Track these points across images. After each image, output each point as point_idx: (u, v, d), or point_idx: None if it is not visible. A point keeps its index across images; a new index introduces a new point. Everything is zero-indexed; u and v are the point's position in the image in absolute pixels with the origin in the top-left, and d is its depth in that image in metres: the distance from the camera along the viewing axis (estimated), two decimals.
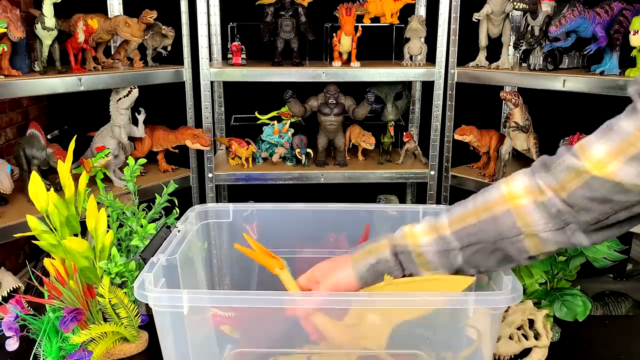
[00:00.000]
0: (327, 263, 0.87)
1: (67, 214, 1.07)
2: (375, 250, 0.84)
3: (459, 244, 0.79)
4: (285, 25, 2.09)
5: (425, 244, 0.80)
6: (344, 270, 0.84)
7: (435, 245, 0.80)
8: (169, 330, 0.85)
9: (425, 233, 0.81)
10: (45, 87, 1.73)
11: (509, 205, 0.75)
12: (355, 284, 0.83)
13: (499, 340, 1.05)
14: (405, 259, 0.82)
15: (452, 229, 0.79)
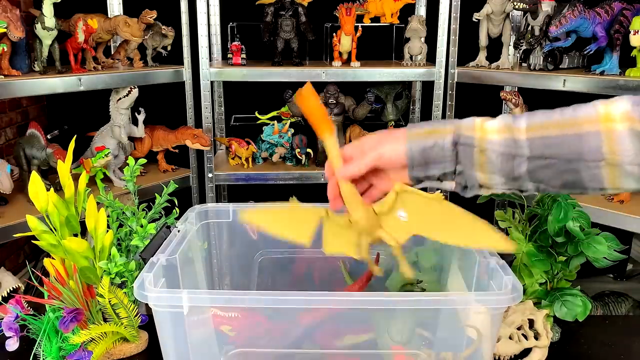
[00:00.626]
0: (379, 135, 0.79)
1: (67, 214, 1.07)
2: (435, 133, 0.75)
3: (529, 152, 0.71)
4: (285, 25, 2.09)
5: (493, 141, 0.72)
6: (395, 144, 0.76)
7: (503, 147, 0.72)
8: (169, 331, 0.85)
9: (497, 131, 0.73)
10: (45, 87, 1.73)
11: (600, 126, 0.68)
12: (402, 162, 0.76)
13: (499, 340, 1.05)
14: (464, 153, 0.74)
15: (529, 135, 0.71)
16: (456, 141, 0.74)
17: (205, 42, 2.03)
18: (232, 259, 1.21)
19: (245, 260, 1.19)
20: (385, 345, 0.96)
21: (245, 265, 1.19)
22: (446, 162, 0.74)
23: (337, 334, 0.96)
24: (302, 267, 1.21)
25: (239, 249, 1.19)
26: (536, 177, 0.72)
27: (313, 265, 1.21)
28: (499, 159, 0.72)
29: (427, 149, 0.75)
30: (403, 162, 0.76)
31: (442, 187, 0.79)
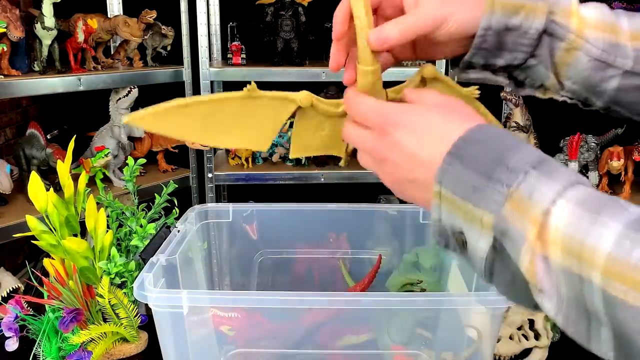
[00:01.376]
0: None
1: (66, 214, 1.07)
2: (526, 9, 0.55)
3: (631, 65, 0.55)
4: (285, 25, 2.08)
5: (591, 38, 0.56)
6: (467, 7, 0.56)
7: (601, 49, 0.55)
8: (168, 331, 0.85)
9: (597, 26, 0.56)
10: (44, 87, 1.73)
11: None
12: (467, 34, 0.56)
13: (499, 340, 1.04)
14: (549, 46, 0.57)
15: (635, 45, 0.55)
16: (546, 27, 0.56)
17: (205, 42, 2.02)
18: (232, 259, 1.21)
19: (245, 260, 1.19)
20: (385, 346, 0.96)
21: (245, 265, 1.19)
22: (519, 52, 0.57)
23: (337, 334, 0.96)
24: (302, 267, 1.21)
25: (238, 249, 1.19)
26: (621, 99, 0.58)
27: (313, 265, 1.21)
28: (590, 65, 0.56)
29: (508, 31, 0.55)
30: (468, 35, 0.56)
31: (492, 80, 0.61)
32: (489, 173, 0.44)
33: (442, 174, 0.47)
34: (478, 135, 0.47)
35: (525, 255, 0.42)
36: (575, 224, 0.40)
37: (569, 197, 0.41)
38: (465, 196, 0.46)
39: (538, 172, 0.43)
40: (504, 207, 0.43)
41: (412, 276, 1.07)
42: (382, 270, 1.06)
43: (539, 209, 0.41)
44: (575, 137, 1.82)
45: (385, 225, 1.18)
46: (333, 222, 1.19)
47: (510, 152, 0.45)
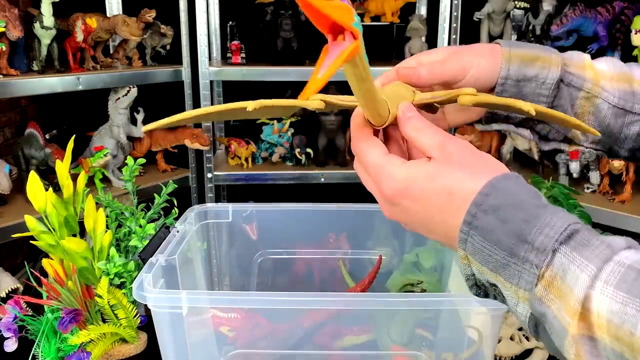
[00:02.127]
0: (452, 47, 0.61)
1: (65, 214, 1.07)
2: (541, 60, 0.58)
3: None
4: (284, 25, 2.08)
5: (608, 87, 0.58)
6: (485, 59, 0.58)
7: (618, 97, 0.58)
8: (168, 331, 0.85)
9: (612, 77, 0.58)
10: (43, 86, 1.72)
11: None
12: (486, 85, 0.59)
13: (500, 341, 1.04)
14: (567, 96, 0.59)
15: None
16: (562, 77, 0.58)
17: (205, 41, 2.02)
18: (232, 260, 1.20)
19: (245, 260, 1.18)
20: (385, 346, 0.95)
21: (245, 266, 1.18)
22: (539, 103, 0.58)
23: (337, 334, 0.95)
24: (302, 267, 1.21)
25: (238, 249, 1.19)
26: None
27: (313, 265, 1.21)
28: (609, 112, 0.58)
29: (526, 81, 0.57)
30: (487, 85, 0.58)
31: (517, 132, 0.62)
32: (513, 251, 0.42)
33: (463, 243, 0.45)
34: (492, 201, 0.44)
35: (570, 347, 0.40)
36: (620, 313, 0.37)
37: (605, 277, 0.39)
38: (494, 270, 0.44)
39: (568, 248, 0.40)
40: (536, 287, 0.41)
41: (412, 276, 1.06)
42: (382, 271, 1.05)
43: (575, 295, 0.39)
44: None
45: (385, 225, 1.17)
46: (333, 222, 1.18)
47: (532, 226, 0.42)
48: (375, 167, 0.51)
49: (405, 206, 0.49)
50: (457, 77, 0.58)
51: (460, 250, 0.46)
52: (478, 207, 0.44)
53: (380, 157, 0.52)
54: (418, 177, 0.48)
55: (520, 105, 0.52)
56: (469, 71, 0.58)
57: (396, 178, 0.49)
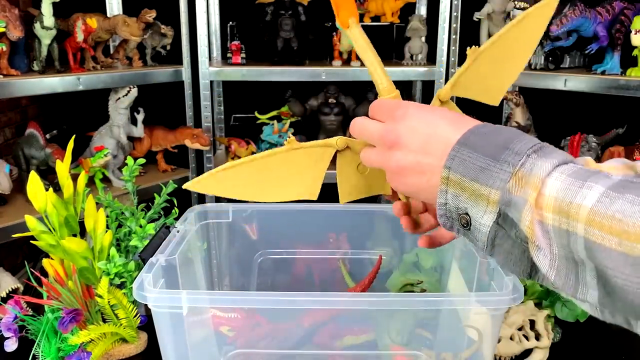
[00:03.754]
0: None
1: (65, 214, 1.07)
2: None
3: None
4: (285, 25, 2.08)
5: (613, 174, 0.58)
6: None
7: None
8: (168, 331, 0.85)
9: (614, 167, 0.58)
10: (44, 86, 1.72)
11: None
12: None
13: (500, 341, 1.04)
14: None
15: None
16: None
17: (205, 41, 2.02)
18: (232, 260, 1.20)
19: (245, 260, 1.18)
20: (385, 346, 0.95)
21: (245, 266, 1.19)
22: None
23: (337, 334, 0.96)
24: (302, 267, 1.21)
25: (238, 249, 1.19)
26: None
27: (313, 265, 1.21)
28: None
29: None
30: None
31: None
32: (495, 156, 0.50)
33: (451, 159, 0.53)
34: (484, 129, 0.54)
35: (527, 214, 0.48)
36: (565, 189, 0.46)
37: (562, 170, 0.47)
38: (473, 176, 0.51)
39: (538, 155, 0.49)
40: (509, 182, 0.49)
41: (412, 276, 1.06)
42: (382, 271, 1.05)
43: (537, 178, 0.47)
44: (576, 137, 1.81)
45: (385, 225, 1.18)
46: (333, 222, 1.18)
47: (514, 140, 0.51)
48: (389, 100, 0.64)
49: (410, 122, 0.57)
50: None
51: (444, 170, 0.53)
52: (472, 132, 0.53)
53: None
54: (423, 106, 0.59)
55: None
56: None
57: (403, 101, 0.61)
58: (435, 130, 0.56)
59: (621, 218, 0.42)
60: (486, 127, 0.54)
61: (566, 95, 1.84)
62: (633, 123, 1.86)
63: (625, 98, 1.66)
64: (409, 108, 0.58)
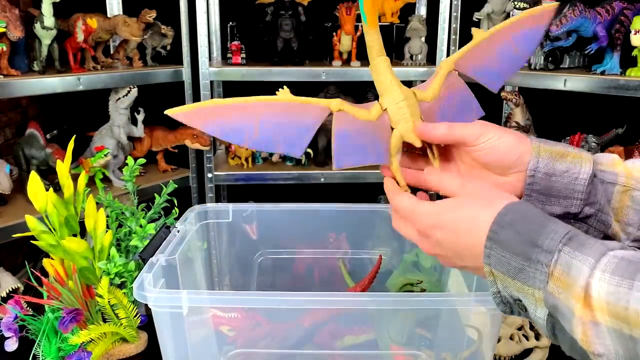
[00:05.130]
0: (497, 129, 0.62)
1: (66, 214, 1.07)
2: (571, 155, 0.60)
3: None
4: (285, 25, 2.08)
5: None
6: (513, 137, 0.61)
7: None
8: (168, 331, 0.85)
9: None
10: (44, 86, 1.72)
11: None
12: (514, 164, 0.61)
13: (500, 340, 1.04)
14: (602, 192, 0.59)
15: None
16: (595, 174, 0.59)
17: (205, 41, 2.02)
18: (232, 259, 1.21)
19: (245, 260, 1.18)
20: (385, 346, 0.95)
21: (245, 265, 1.19)
22: (574, 199, 0.59)
23: (337, 334, 0.96)
24: (302, 267, 1.21)
25: (238, 249, 1.19)
26: None
27: (313, 265, 1.21)
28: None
29: (557, 174, 0.59)
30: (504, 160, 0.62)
31: None
32: (527, 255, 0.50)
33: (487, 257, 0.53)
34: (508, 218, 0.52)
35: (577, 327, 0.46)
36: (615, 292, 0.44)
37: (602, 267, 0.45)
38: (513, 276, 0.51)
39: (570, 248, 0.48)
40: (548, 284, 0.48)
41: (412, 276, 1.06)
42: (382, 270, 1.05)
43: (579, 283, 0.46)
44: (576, 137, 1.81)
45: (385, 225, 1.18)
46: (333, 222, 1.18)
47: (542, 233, 0.50)
48: (406, 210, 0.60)
49: (437, 237, 0.57)
50: (472, 140, 0.62)
51: (486, 266, 0.53)
52: (498, 224, 0.52)
53: (410, 201, 0.61)
54: (444, 210, 0.57)
55: None
56: (487, 137, 0.61)
57: (425, 212, 0.58)
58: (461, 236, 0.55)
59: None
60: (510, 214, 0.52)
61: (566, 96, 1.85)
62: (633, 123, 1.86)
63: (624, 98, 1.66)
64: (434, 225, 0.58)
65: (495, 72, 0.73)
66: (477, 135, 0.62)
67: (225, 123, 0.66)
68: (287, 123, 0.67)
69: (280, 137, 0.67)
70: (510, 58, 0.74)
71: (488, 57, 0.73)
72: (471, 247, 0.54)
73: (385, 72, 0.68)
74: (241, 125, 0.66)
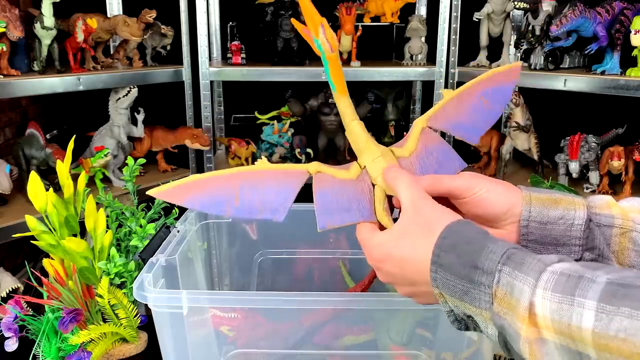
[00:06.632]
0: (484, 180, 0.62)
1: (66, 214, 1.07)
2: (564, 202, 0.59)
3: None
4: (285, 25, 2.08)
5: None
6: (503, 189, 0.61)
7: None
8: (168, 331, 0.85)
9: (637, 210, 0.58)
10: (44, 86, 1.72)
11: None
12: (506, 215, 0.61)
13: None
14: (601, 236, 0.58)
15: None
16: (590, 218, 0.58)
17: (205, 41, 2.02)
18: (232, 259, 1.20)
19: (245, 260, 1.18)
20: (385, 346, 0.95)
21: (245, 266, 1.19)
22: (572, 246, 0.58)
23: (337, 334, 0.96)
24: (302, 267, 1.21)
25: (238, 249, 1.19)
26: None
27: (313, 265, 1.21)
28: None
29: (551, 222, 0.58)
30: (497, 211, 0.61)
31: None
32: (469, 277, 0.50)
33: (434, 281, 0.54)
34: (449, 242, 0.53)
35: (524, 347, 0.47)
36: (558, 310, 0.44)
37: (543, 285, 0.46)
38: (460, 297, 0.52)
39: (509, 268, 0.48)
40: (493, 305, 0.49)
41: None
42: None
43: (522, 304, 0.46)
44: (576, 137, 1.81)
45: None
46: None
47: (480, 254, 0.50)
48: (362, 242, 0.64)
49: (387, 268, 0.60)
50: (460, 193, 0.62)
51: (435, 289, 0.54)
52: (439, 248, 0.53)
53: (365, 234, 0.64)
54: (389, 242, 0.59)
55: None
56: (474, 189, 0.61)
57: (375, 245, 0.61)
58: (407, 265, 0.57)
59: (625, 337, 0.40)
60: (450, 235, 0.53)
61: (566, 96, 1.85)
62: (633, 123, 1.86)
63: (624, 98, 1.66)
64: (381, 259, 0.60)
65: (469, 126, 0.76)
66: (464, 188, 0.62)
67: (207, 195, 0.68)
68: (267, 189, 0.69)
69: (261, 204, 0.68)
70: (483, 112, 0.77)
71: (461, 113, 0.76)
72: (419, 274, 0.56)
73: (360, 134, 0.70)
74: (222, 195, 0.68)
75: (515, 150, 2.04)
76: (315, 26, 0.69)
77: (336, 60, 0.70)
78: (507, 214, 0.61)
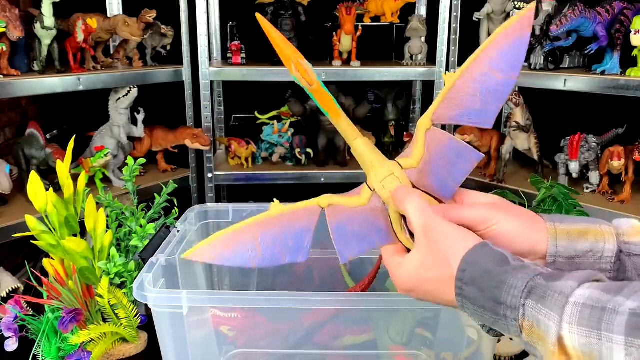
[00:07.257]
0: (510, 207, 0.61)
1: (66, 214, 1.07)
2: (592, 233, 0.57)
3: None
4: (285, 25, 2.08)
5: None
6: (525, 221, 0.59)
7: None
8: (168, 331, 0.85)
9: None
10: (44, 86, 1.72)
11: None
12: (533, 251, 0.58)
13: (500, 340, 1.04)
14: (632, 267, 0.56)
15: None
16: (621, 248, 0.56)
17: (205, 41, 2.02)
18: None
19: None
20: (385, 346, 0.95)
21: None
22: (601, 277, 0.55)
23: (337, 334, 0.96)
24: (302, 267, 1.21)
25: None
26: None
27: (313, 265, 1.21)
28: None
29: (579, 256, 0.56)
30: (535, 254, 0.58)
31: None
32: (494, 311, 0.51)
33: (463, 309, 0.55)
34: (468, 275, 0.53)
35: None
36: (587, 344, 0.45)
37: (568, 319, 0.46)
38: (491, 324, 0.53)
39: (532, 301, 0.48)
40: (522, 335, 0.50)
41: None
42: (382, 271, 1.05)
43: (550, 338, 0.47)
44: (576, 137, 1.81)
45: None
46: None
47: (501, 290, 0.50)
48: (389, 267, 0.64)
49: (418, 296, 0.60)
50: (477, 226, 0.59)
51: (465, 311, 0.55)
52: (461, 281, 0.53)
53: (389, 257, 0.65)
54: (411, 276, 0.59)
55: None
56: (492, 222, 0.59)
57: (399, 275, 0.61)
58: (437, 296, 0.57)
59: None
60: (468, 269, 0.53)
61: (566, 95, 1.85)
62: (632, 123, 1.86)
63: (624, 98, 1.66)
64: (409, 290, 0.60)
65: (481, 109, 0.68)
66: (480, 221, 0.59)
67: (231, 251, 0.70)
68: (284, 234, 0.70)
69: (281, 250, 0.69)
70: (495, 87, 0.67)
71: (469, 96, 0.68)
72: (449, 303, 0.56)
73: (366, 152, 0.69)
74: (245, 249, 0.70)
75: (515, 150, 2.04)
76: (287, 62, 0.69)
77: (319, 91, 0.70)
78: (531, 251, 0.58)
